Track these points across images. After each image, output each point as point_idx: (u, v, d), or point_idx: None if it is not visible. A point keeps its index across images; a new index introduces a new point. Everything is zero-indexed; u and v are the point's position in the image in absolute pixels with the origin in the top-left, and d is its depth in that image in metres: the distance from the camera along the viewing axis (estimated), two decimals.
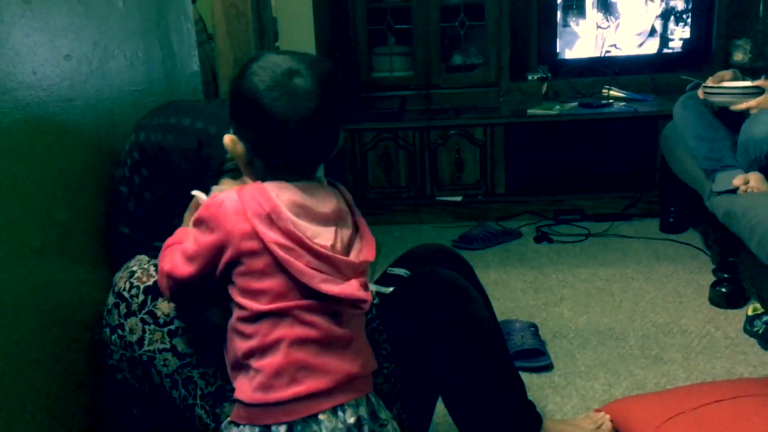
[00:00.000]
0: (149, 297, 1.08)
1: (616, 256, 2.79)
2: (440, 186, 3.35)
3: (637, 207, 3.18)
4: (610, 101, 3.30)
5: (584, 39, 3.48)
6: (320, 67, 0.97)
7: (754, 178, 2.15)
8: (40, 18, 1.08)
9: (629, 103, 3.26)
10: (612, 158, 3.33)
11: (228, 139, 0.98)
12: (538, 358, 1.99)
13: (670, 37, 3.43)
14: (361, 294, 0.99)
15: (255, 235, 0.94)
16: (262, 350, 0.96)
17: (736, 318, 2.20)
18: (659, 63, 3.46)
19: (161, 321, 1.08)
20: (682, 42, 3.43)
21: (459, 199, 3.33)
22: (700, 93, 2.37)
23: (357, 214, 1.07)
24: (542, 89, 3.44)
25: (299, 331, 0.96)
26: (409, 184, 3.36)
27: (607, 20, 3.45)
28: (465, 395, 1.38)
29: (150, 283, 1.10)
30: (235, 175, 1.16)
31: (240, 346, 0.97)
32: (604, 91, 3.38)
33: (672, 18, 3.42)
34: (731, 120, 2.33)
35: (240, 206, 0.95)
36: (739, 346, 2.05)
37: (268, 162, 0.98)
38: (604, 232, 3.03)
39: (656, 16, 3.43)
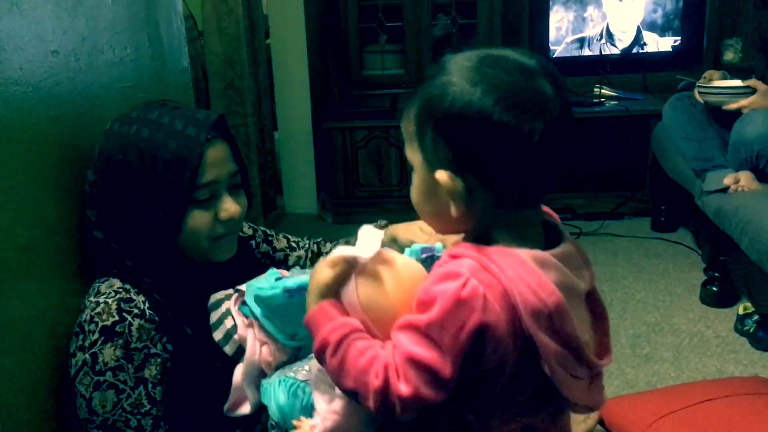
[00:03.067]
0: (101, 338, 1.03)
1: (607, 254, 2.79)
2: None
3: (628, 206, 3.19)
4: (602, 100, 3.30)
5: (576, 38, 3.48)
6: (546, 62, 0.74)
7: (745, 177, 2.16)
8: (28, 13, 1.06)
9: (621, 101, 3.27)
10: (603, 157, 3.33)
11: (445, 176, 0.72)
12: None
13: (662, 36, 3.44)
14: (604, 400, 0.79)
15: (524, 338, 0.69)
16: None
17: (726, 317, 2.21)
18: (651, 62, 3.47)
19: (97, 368, 1.02)
20: (673, 41, 3.44)
21: None
22: (696, 94, 2.38)
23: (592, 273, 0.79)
24: None
25: None
26: (401, 183, 3.35)
27: (599, 19, 3.46)
28: None
29: (108, 323, 1.03)
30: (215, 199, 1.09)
31: None
32: (595, 89, 3.38)
33: (663, 17, 3.43)
34: (722, 118, 2.33)
35: (506, 296, 0.68)
36: (730, 345, 2.06)
37: (501, 197, 0.73)
38: (595, 231, 3.03)
39: (647, 16, 3.43)
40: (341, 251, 0.77)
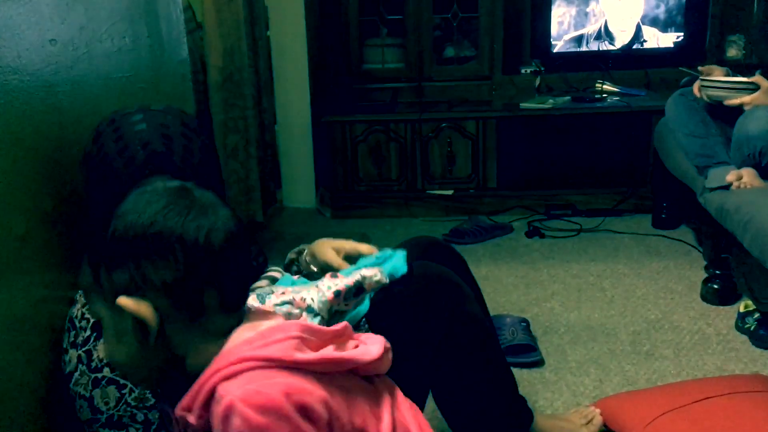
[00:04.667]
0: (94, 335, 1.02)
1: (608, 251, 2.78)
2: (431, 179, 3.33)
3: (629, 203, 3.18)
4: (603, 96, 3.29)
5: (578, 33, 3.46)
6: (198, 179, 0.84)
7: (747, 174, 2.14)
8: (26, 1, 1.04)
9: (622, 97, 3.25)
10: (604, 153, 3.32)
11: (126, 300, 0.73)
12: (528, 353, 1.97)
13: (664, 32, 3.42)
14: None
15: (313, 377, 0.75)
16: None
17: (727, 315, 2.20)
18: (653, 58, 3.45)
19: (93, 365, 1.01)
20: (676, 37, 3.42)
21: (450, 192, 3.31)
22: (695, 88, 2.36)
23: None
24: (535, 83, 3.43)
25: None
26: (400, 178, 3.34)
27: (601, 15, 3.44)
28: (456, 391, 1.37)
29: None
30: None
31: None
32: (597, 85, 3.36)
33: (666, 13, 3.41)
34: (725, 115, 2.32)
35: (268, 366, 0.73)
36: (731, 343, 2.05)
37: (192, 308, 0.75)
38: (595, 228, 3.02)
39: (650, 11, 3.42)
40: None
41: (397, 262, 1.14)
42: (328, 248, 1.25)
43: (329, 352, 0.77)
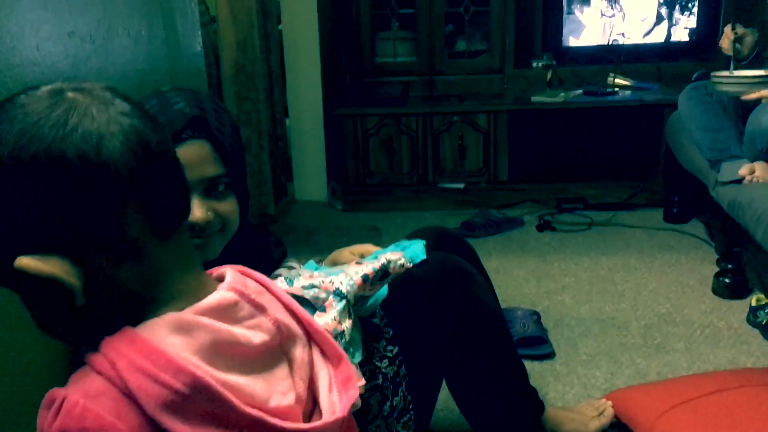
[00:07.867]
0: None
1: (619, 245, 2.78)
2: (442, 173, 3.33)
3: (641, 196, 3.17)
4: (615, 89, 3.28)
5: (589, 27, 3.45)
6: None
7: (761, 168, 2.14)
8: None
9: (634, 91, 3.24)
10: (616, 147, 3.31)
11: (28, 260, 0.59)
12: (540, 345, 1.98)
13: (677, 26, 3.41)
14: None
15: None
16: None
17: (739, 308, 2.20)
18: (665, 52, 3.44)
19: None
20: (688, 31, 3.41)
21: (461, 186, 3.31)
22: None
23: None
24: (547, 77, 3.42)
25: None
26: (412, 171, 3.35)
27: (612, 8, 3.43)
28: (469, 379, 1.38)
29: None
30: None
31: None
32: (609, 79, 3.36)
33: (678, 6, 3.39)
34: (737, 109, 2.31)
35: (127, 398, 0.58)
36: (742, 337, 2.04)
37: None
38: (607, 222, 3.02)
39: (662, 4, 3.40)
40: None
41: (417, 249, 1.16)
42: (344, 252, 1.28)
43: None
